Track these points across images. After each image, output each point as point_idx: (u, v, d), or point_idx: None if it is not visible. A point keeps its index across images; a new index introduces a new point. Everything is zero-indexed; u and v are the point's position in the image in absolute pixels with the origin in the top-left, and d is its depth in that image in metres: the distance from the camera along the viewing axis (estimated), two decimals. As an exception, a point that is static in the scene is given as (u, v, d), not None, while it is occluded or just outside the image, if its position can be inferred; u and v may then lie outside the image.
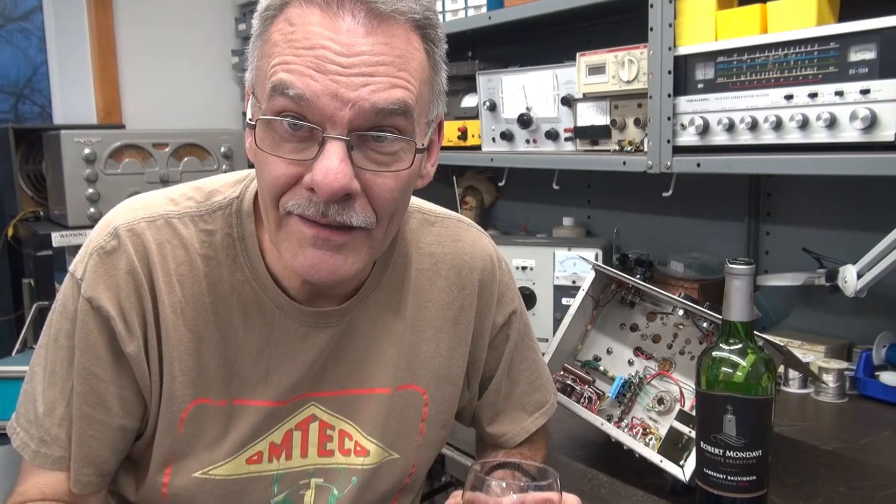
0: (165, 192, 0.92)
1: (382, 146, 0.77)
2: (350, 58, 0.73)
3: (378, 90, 0.74)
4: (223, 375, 0.88)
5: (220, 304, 0.87)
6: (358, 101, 0.73)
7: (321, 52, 0.73)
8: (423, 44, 0.79)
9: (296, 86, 0.73)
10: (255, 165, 0.82)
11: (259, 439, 0.90)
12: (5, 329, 2.74)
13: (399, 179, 0.79)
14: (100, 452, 0.86)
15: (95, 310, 0.83)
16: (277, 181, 0.77)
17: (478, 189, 2.50)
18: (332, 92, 0.73)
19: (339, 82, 0.72)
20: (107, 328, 0.84)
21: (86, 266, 0.85)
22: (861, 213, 1.62)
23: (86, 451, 0.86)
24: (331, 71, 0.72)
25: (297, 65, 0.73)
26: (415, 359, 0.97)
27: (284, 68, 0.74)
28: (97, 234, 0.87)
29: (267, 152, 0.77)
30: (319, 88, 0.72)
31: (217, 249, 0.88)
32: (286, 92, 0.73)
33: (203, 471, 0.88)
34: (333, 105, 0.73)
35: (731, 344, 0.95)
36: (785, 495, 1.11)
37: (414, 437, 0.98)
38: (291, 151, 0.76)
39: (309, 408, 0.92)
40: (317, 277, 0.80)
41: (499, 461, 0.91)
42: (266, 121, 0.76)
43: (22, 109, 3.05)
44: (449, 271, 0.99)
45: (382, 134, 0.76)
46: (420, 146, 0.80)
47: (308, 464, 0.93)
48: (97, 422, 0.85)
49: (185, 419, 0.87)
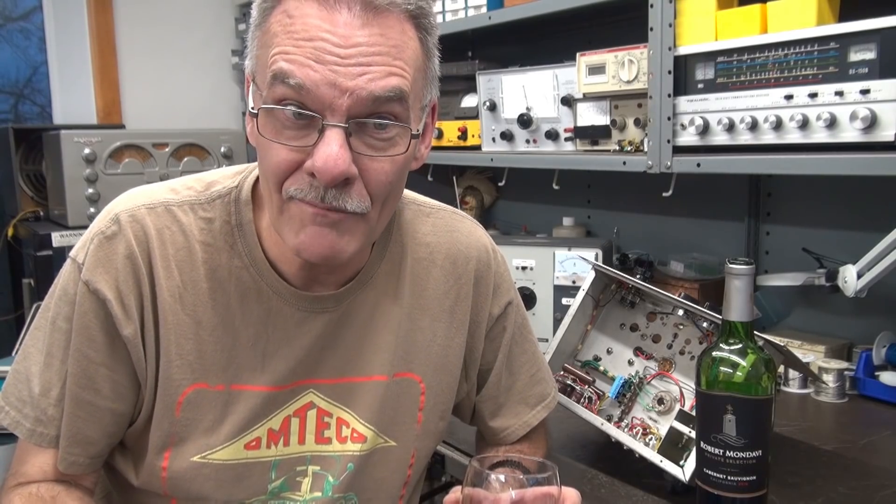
0: (166, 183, 0.95)
1: (380, 132, 0.79)
2: (347, 49, 0.76)
3: (375, 79, 0.76)
4: (220, 360, 0.89)
5: (218, 290, 0.89)
6: (356, 89, 0.76)
7: (319, 44, 0.75)
8: (417, 32, 0.82)
9: (296, 75, 0.76)
10: (258, 151, 0.84)
11: (257, 425, 0.91)
12: (5, 329, 2.74)
13: (395, 164, 0.82)
14: (88, 433, 0.88)
15: (92, 293, 0.85)
16: (280, 167, 0.80)
17: (478, 189, 2.50)
18: (331, 81, 0.75)
19: (337, 72, 0.75)
20: (103, 311, 0.86)
21: (87, 250, 0.87)
22: (861, 213, 1.62)
23: (74, 431, 0.87)
24: (329, 61, 0.75)
25: (297, 55, 0.76)
26: (411, 346, 0.98)
27: (284, 58, 0.76)
28: (100, 220, 0.90)
29: (269, 139, 0.80)
30: (319, 78, 0.75)
31: (216, 236, 0.90)
32: (287, 81, 0.76)
33: (202, 455, 0.89)
34: (332, 94, 0.76)
35: (731, 344, 0.95)
36: (785, 495, 1.11)
37: (412, 426, 0.99)
38: (292, 138, 0.79)
39: (307, 395, 0.93)
40: (315, 253, 0.82)
41: (498, 457, 0.92)
42: (268, 109, 0.79)
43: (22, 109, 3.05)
44: (444, 261, 1.01)
45: (380, 121, 0.79)
46: (415, 131, 0.82)
47: (305, 450, 0.94)
48: (86, 403, 0.87)
49: (183, 403, 0.88)
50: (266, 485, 0.93)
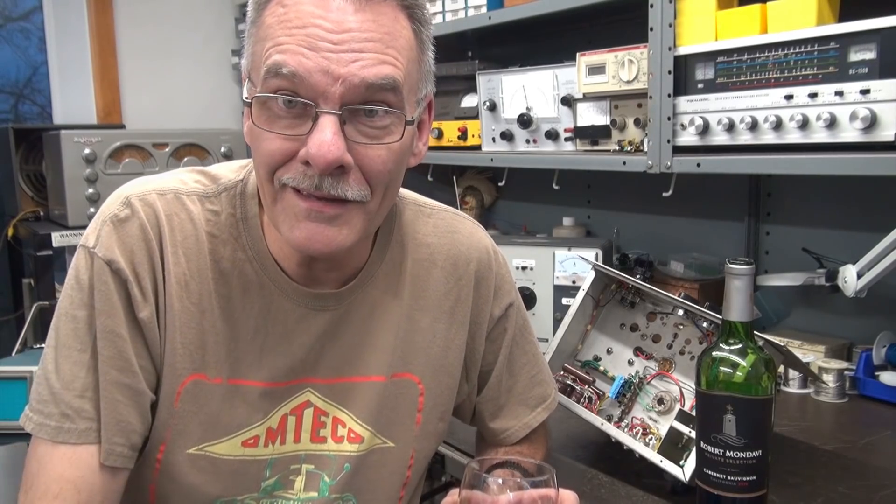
0: (173, 172, 0.95)
1: (373, 120, 0.80)
2: (340, 34, 0.76)
3: (367, 66, 0.77)
4: (220, 353, 0.89)
5: (222, 282, 0.89)
6: (348, 76, 0.76)
7: (312, 31, 0.76)
8: (410, 23, 0.82)
9: (289, 64, 0.76)
10: (251, 143, 0.84)
11: (256, 424, 0.91)
12: (5, 329, 2.74)
13: (391, 152, 0.82)
14: (130, 420, 0.85)
15: (115, 272, 0.84)
16: (273, 156, 0.80)
17: (478, 189, 2.50)
18: (324, 68, 0.76)
19: (329, 59, 0.76)
20: (124, 290, 0.85)
21: (99, 234, 0.86)
22: (861, 213, 1.62)
23: (118, 418, 0.84)
24: (322, 48, 0.76)
25: (290, 44, 0.77)
26: (411, 347, 0.98)
27: (278, 49, 0.77)
28: (110, 204, 0.88)
29: (262, 128, 0.80)
30: (311, 65, 0.76)
31: (221, 228, 0.90)
32: (280, 71, 0.76)
33: (198, 447, 0.89)
34: (325, 81, 0.76)
35: (731, 344, 0.95)
36: (785, 495, 1.11)
37: (410, 427, 0.99)
38: (286, 127, 0.79)
39: (305, 394, 0.93)
40: (312, 249, 0.82)
41: (496, 459, 0.91)
42: (262, 99, 0.79)
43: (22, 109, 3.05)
44: (445, 262, 1.01)
45: (373, 107, 0.79)
46: (409, 118, 0.82)
47: (300, 449, 0.94)
48: (125, 387, 0.84)
49: (182, 393, 0.88)
50: (259, 482, 0.92)
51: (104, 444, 0.84)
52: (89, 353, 0.84)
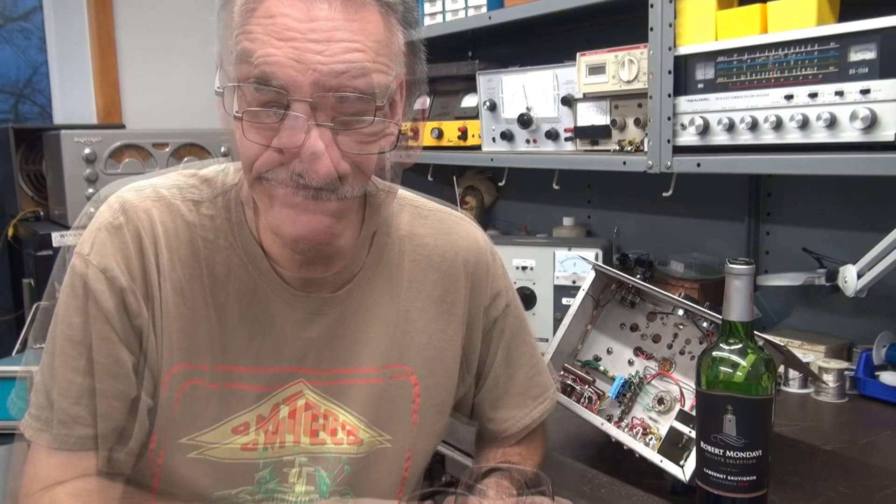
0: (167, 176, 0.95)
1: (344, 107, 0.79)
2: (307, 23, 0.76)
3: (336, 53, 0.77)
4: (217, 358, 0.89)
5: (217, 286, 0.90)
6: (317, 65, 0.76)
7: (280, 20, 0.76)
8: (378, 6, 0.81)
9: (258, 53, 0.76)
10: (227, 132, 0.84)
11: (245, 410, 0.91)
12: (5, 329, 2.74)
13: (362, 135, 0.81)
14: (127, 426, 0.86)
15: (110, 280, 0.85)
16: (249, 148, 0.80)
17: (478, 189, 2.50)
18: (294, 58, 0.76)
19: (298, 48, 0.76)
20: (119, 297, 0.85)
21: (93, 241, 0.87)
22: (861, 213, 1.62)
23: (114, 424, 0.85)
24: (290, 38, 0.76)
25: (259, 34, 0.77)
26: (406, 346, 0.98)
27: (247, 38, 0.77)
28: (104, 212, 0.89)
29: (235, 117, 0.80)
30: (281, 55, 0.76)
31: (216, 233, 0.91)
32: (249, 60, 0.77)
33: (190, 437, 0.89)
34: (295, 69, 0.76)
35: (731, 344, 0.95)
36: (785, 495, 1.11)
37: (406, 425, 0.99)
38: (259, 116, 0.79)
39: (297, 384, 0.93)
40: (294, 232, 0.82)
41: (490, 466, 0.92)
42: (232, 87, 0.79)
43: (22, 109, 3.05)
44: (441, 262, 1.01)
45: (343, 94, 0.78)
46: (380, 104, 0.81)
47: (300, 451, 0.94)
48: (121, 393, 0.86)
49: (181, 398, 0.88)
50: (253, 473, 0.92)
51: (101, 451, 0.85)
52: (85, 360, 0.85)
